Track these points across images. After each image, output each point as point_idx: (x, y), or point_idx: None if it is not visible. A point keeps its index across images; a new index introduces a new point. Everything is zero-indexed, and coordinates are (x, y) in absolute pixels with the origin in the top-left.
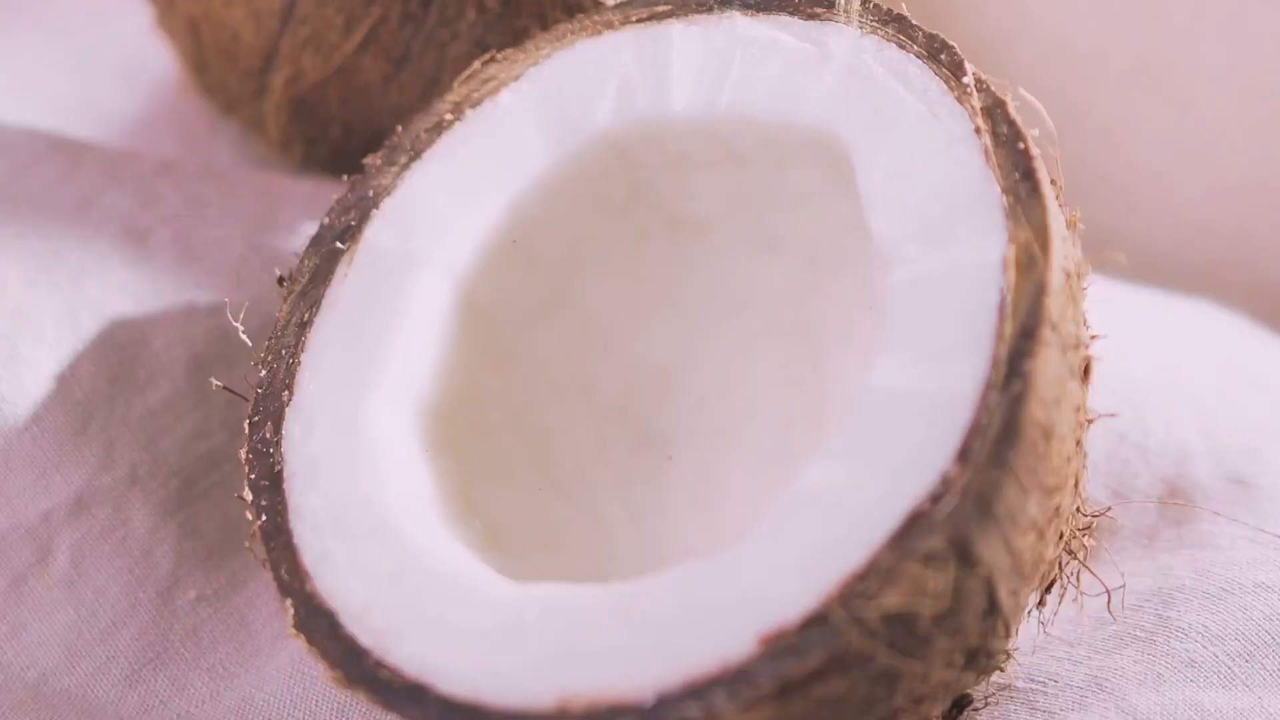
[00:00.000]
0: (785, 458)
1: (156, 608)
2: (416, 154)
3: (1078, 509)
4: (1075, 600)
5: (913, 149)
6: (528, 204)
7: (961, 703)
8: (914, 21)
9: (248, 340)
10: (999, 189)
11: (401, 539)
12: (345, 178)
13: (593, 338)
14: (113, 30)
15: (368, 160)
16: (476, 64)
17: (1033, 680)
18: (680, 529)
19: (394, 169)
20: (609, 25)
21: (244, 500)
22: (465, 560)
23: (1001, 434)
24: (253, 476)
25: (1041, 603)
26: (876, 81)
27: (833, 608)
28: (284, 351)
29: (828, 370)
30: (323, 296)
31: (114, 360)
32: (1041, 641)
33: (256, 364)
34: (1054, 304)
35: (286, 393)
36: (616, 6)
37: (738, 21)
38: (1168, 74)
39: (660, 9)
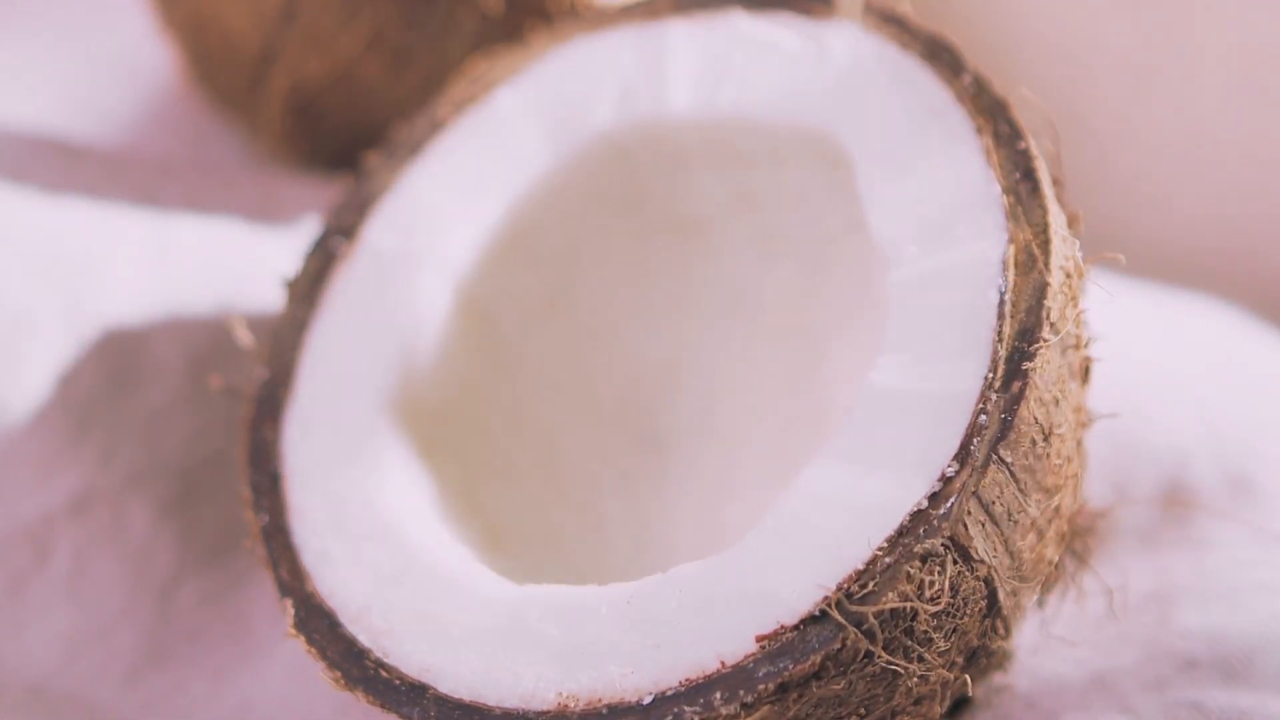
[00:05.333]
0: (785, 458)
1: (156, 608)
2: (416, 153)
3: (1078, 509)
4: (1076, 600)
5: (913, 148)
6: (528, 204)
7: (961, 703)
8: (914, 21)
9: (248, 340)
10: (999, 189)
11: (401, 539)
12: (345, 177)
13: (593, 338)
14: (113, 30)
15: (368, 159)
16: (477, 62)
17: (1033, 680)
18: (680, 529)
19: (394, 168)
20: (609, 24)
21: (244, 500)
22: (465, 560)
23: (1001, 434)
24: (253, 476)
25: (1042, 603)
26: (877, 81)
27: (832, 608)
28: (284, 351)
29: (828, 370)
30: (323, 296)
31: (114, 360)
32: (1042, 641)
33: (256, 364)
34: (1054, 304)
35: (286, 393)
36: (617, 5)
37: (738, 20)
38: (1168, 74)
39: (661, 7)
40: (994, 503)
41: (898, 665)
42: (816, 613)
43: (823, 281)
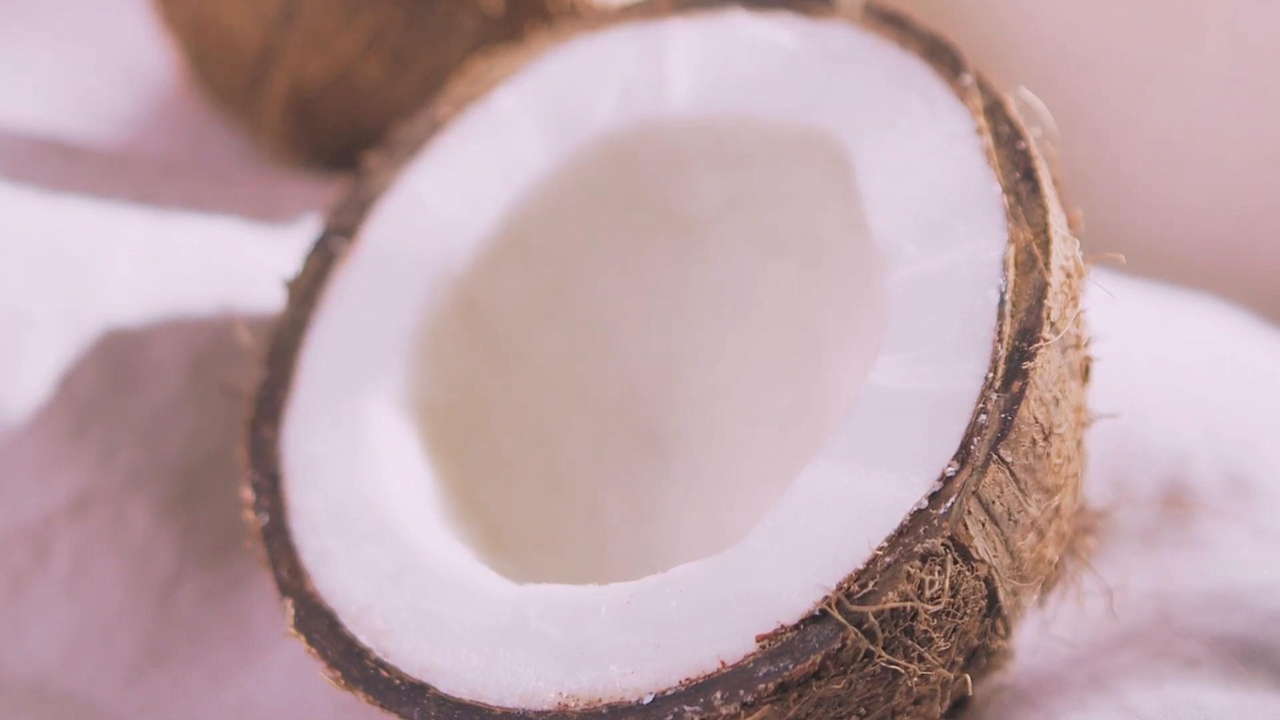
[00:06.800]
0: (785, 457)
1: (156, 608)
2: (416, 153)
3: (1078, 509)
4: (1076, 600)
5: (913, 148)
6: (528, 203)
7: (961, 703)
8: (915, 20)
9: (248, 340)
10: (999, 188)
11: (401, 539)
12: (345, 177)
13: (593, 338)
14: (113, 30)
15: (367, 159)
16: (477, 62)
17: (1033, 680)
18: (680, 529)
19: (394, 168)
20: (609, 24)
21: (244, 500)
22: (465, 560)
23: (1001, 434)
24: (253, 476)
25: (1042, 603)
26: (877, 80)
27: (832, 607)
28: (284, 352)
29: (828, 370)
30: (323, 296)
31: (114, 360)
32: (1042, 641)
33: (256, 364)
34: (1054, 304)
35: (286, 393)
36: (617, 5)
37: (738, 20)
38: (1168, 73)
39: (661, 7)
40: (994, 502)
41: (898, 665)
42: (817, 612)
43: (822, 281)
